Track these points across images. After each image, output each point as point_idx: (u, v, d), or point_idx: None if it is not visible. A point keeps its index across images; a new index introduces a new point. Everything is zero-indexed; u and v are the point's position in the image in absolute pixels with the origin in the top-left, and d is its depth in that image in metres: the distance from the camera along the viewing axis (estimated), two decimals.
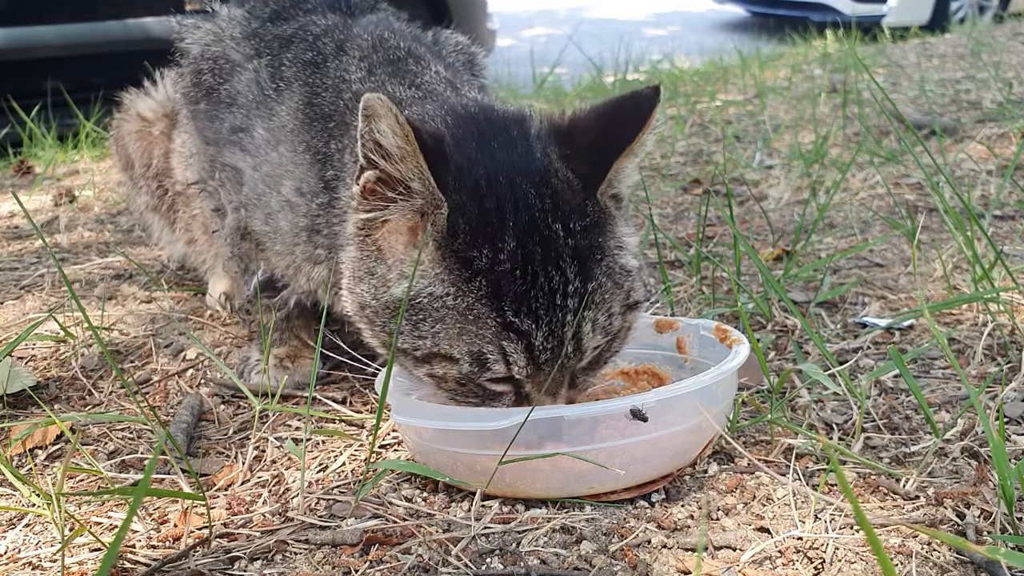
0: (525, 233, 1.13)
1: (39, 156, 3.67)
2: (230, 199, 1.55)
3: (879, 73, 4.69)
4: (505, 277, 1.12)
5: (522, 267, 1.12)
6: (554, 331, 1.14)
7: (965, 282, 1.87)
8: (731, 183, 2.81)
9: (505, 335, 1.13)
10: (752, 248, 1.79)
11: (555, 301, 1.13)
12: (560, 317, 1.14)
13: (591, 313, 1.16)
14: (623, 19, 11.23)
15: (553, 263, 1.13)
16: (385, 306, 1.18)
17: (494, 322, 1.12)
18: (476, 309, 1.13)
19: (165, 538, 1.17)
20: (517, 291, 1.12)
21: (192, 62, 1.62)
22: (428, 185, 1.11)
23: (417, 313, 1.15)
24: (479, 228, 1.13)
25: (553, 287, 1.13)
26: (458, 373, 1.16)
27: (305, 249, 1.40)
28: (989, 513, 1.14)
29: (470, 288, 1.12)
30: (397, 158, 1.10)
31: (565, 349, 1.15)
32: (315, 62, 1.45)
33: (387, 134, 1.08)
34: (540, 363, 1.15)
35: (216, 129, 1.53)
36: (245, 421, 1.51)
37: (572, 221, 1.16)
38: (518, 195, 1.15)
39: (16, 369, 1.58)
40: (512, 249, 1.12)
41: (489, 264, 1.12)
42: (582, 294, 1.15)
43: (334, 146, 1.35)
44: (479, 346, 1.14)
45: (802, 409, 1.44)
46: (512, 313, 1.12)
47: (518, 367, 1.15)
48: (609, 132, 1.20)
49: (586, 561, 1.08)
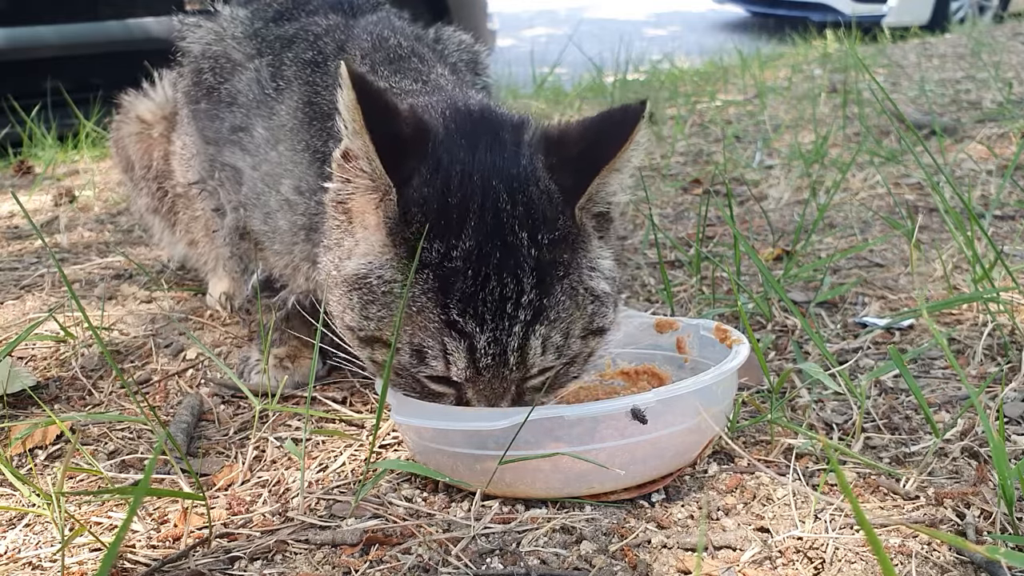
0: (486, 236, 1.10)
1: (39, 156, 3.67)
2: (229, 199, 1.55)
3: (879, 73, 4.69)
4: (454, 275, 1.10)
5: (475, 268, 1.10)
6: (498, 339, 1.11)
7: (965, 282, 1.87)
8: (731, 183, 2.81)
9: (447, 332, 1.11)
10: (752, 248, 1.79)
11: (504, 309, 1.10)
12: (507, 326, 1.10)
13: (543, 329, 1.12)
14: (623, 19, 11.23)
15: (510, 270, 1.10)
16: (344, 279, 1.18)
17: (437, 317, 1.11)
18: (420, 301, 1.12)
19: (165, 538, 1.17)
20: (465, 291, 1.10)
21: (193, 61, 1.62)
22: (376, 167, 1.10)
23: (367, 294, 1.15)
24: (436, 222, 1.11)
25: (505, 294, 1.10)
26: (397, 363, 1.16)
27: (304, 248, 1.40)
28: (989, 513, 1.14)
29: (416, 279, 1.11)
30: (352, 132, 1.10)
31: (508, 360, 1.12)
32: (316, 61, 1.45)
33: (344, 107, 1.08)
34: (479, 367, 1.13)
35: (216, 128, 1.53)
36: (245, 421, 1.51)
37: (540, 232, 1.12)
38: (488, 197, 1.12)
39: (16, 369, 1.58)
40: (467, 248, 1.10)
41: (440, 259, 1.10)
42: (536, 308, 1.11)
43: (333, 145, 1.35)
44: (420, 339, 1.13)
45: (802, 409, 1.44)
46: (457, 312, 1.10)
47: (456, 368, 1.13)
48: (595, 145, 1.17)
49: (586, 561, 1.08)
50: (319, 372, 1.63)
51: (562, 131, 1.21)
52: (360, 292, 1.16)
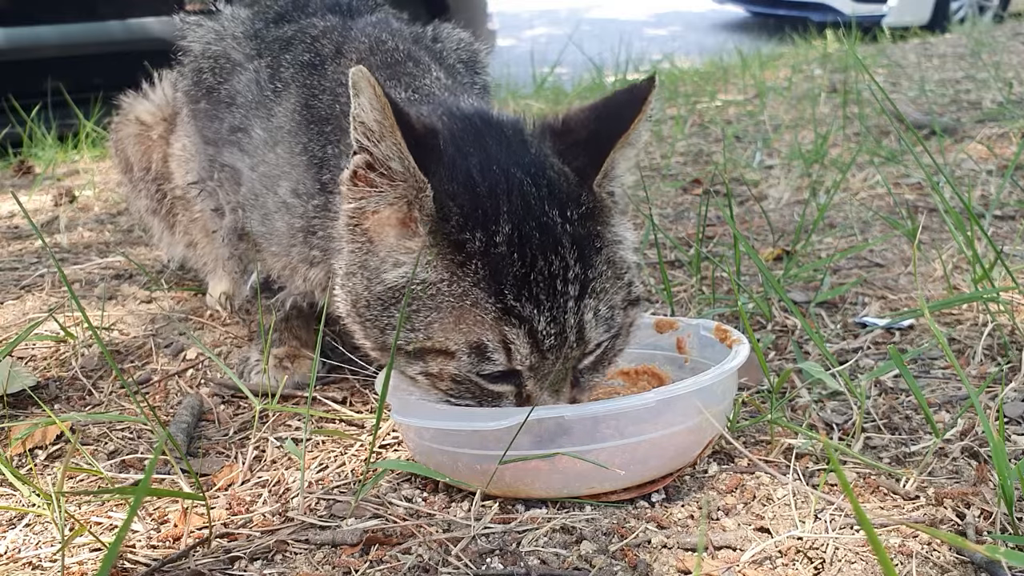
0: (521, 218, 1.11)
1: (39, 156, 3.67)
2: (228, 199, 1.55)
3: (879, 73, 4.69)
4: (502, 260, 1.09)
5: (520, 251, 1.09)
6: (556, 318, 1.10)
7: (965, 282, 1.87)
8: (731, 183, 2.81)
9: (506, 320, 1.09)
10: (752, 248, 1.79)
11: (555, 286, 1.10)
12: (562, 303, 1.10)
13: (593, 302, 1.13)
14: (624, 19, 11.23)
15: (552, 248, 1.10)
16: (378, 298, 1.15)
17: (493, 307, 1.09)
18: (473, 294, 1.09)
19: (165, 538, 1.17)
20: (516, 274, 1.08)
21: (193, 60, 1.62)
22: (408, 165, 1.09)
23: (409, 304, 1.12)
24: (471, 211, 1.11)
25: (553, 272, 1.09)
26: (455, 369, 1.13)
27: (301, 250, 1.40)
28: (989, 513, 1.14)
29: (465, 272, 1.10)
30: (378, 135, 1.09)
31: (569, 337, 1.12)
32: (313, 64, 1.45)
33: (367, 110, 1.07)
34: (543, 351, 1.11)
35: (216, 129, 1.53)
36: (245, 421, 1.51)
37: (569, 209, 1.14)
38: (512, 183, 1.13)
39: (16, 369, 1.58)
40: (508, 233, 1.10)
41: (484, 247, 1.09)
42: (583, 281, 1.12)
43: (331, 151, 1.35)
44: (477, 335, 1.10)
45: (802, 409, 1.44)
46: (512, 297, 1.08)
47: (520, 356, 1.11)
48: (605, 124, 1.19)
49: (586, 561, 1.08)
50: (319, 372, 1.63)
51: (564, 120, 1.24)
52: (401, 304, 1.13)
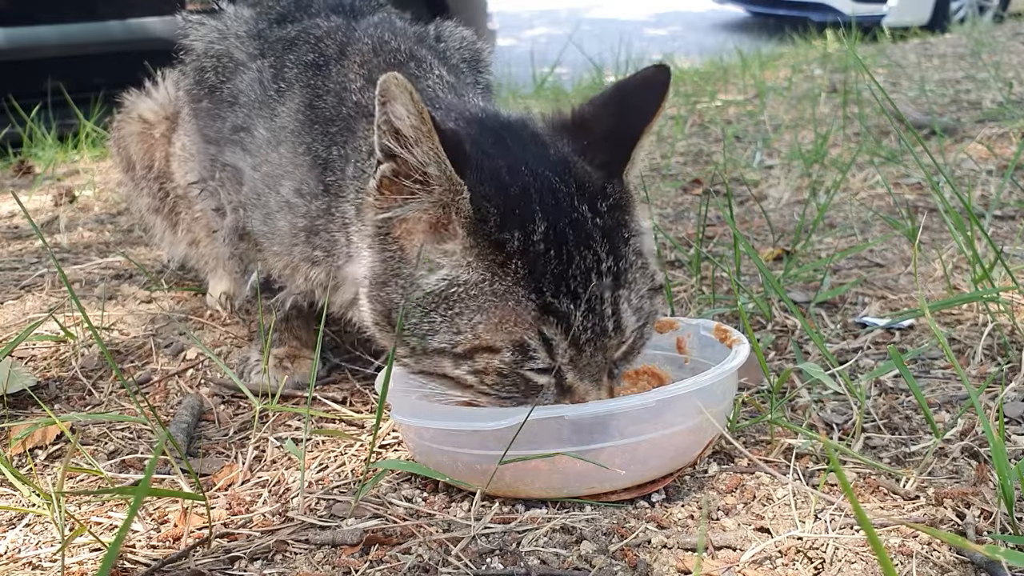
0: (555, 216, 1.14)
1: (39, 156, 3.67)
2: (230, 199, 1.54)
3: (879, 73, 4.69)
4: (541, 257, 1.12)
5: (556, 248, 1.12)
6: (593, 310, 1.14)
7: (965, 282, 1.87)
8: (731, 183, 2.81)
9: (545, 318, 1.12)
10: (752, 248, 1.79)
11: (591, 280, 1.13)
12: (598, 296, 1.14)
13: (625, 292, 1.17)
14: (624, 19, 11.23)
15: (584, 243, 1.14)
16: (417, 305, 1.16)
17: (534, 304, 1.12)
18: (514, 293, 1.12)
19: (165, 538, 1.17)
20: (554, 271, 1.12)
21: (195, 59, 1.62)
22: (445, 169, 1.10)
23: (453, 306, 1.14)
24: (508, 211, 1.13)
25: (588, 266, 1.13)
26: (500, 364, 1.14)
27: (303, 250, 1.40)
28: (989, 513, 1.14)
29: (505, 271, 1.12)
30: (412, 141, 1.09)
31: (606, 328, 1.15)
32: (317, 64, 1.45)
33: (402, 116, 1.07)
34: (582, 344, 1.14)
35: (218, 128, 1.53)
36: (245, 421, 1.51)
37: (598, 202, 1.18)
38: (542, 181, 1.16)
39: (16, 369, 1.58)
40: (544, 231, 1.13)
41: (523, 245, 1.12)
42: (616, 272, 1.16)
43: (336, 152, 1.35)
44: (520, 332, 1.12)
45: (802, 409, 1.44)
46: (551, 294, 1.12)
47: (560, 350, 1.13)
48: (626, 116, 1.23)
49: (586, 561, 1.08)
50: (319, 372, 1.63)
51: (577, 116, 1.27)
52: (444, 307, 1.14)
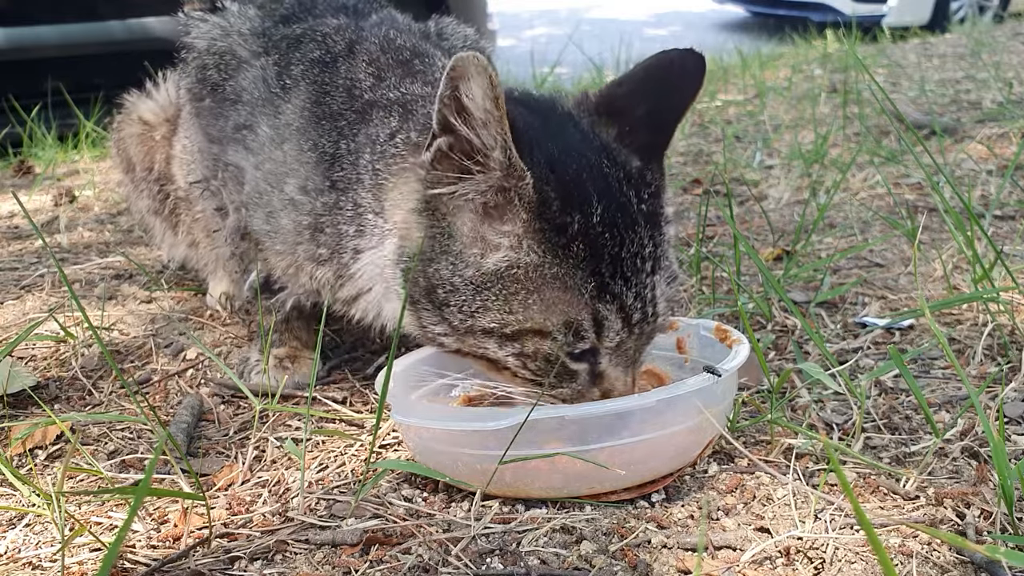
0: (608, 199, 1.16)
1: (39, 156, 3.67)
2: (232, 199, 1.54)
3: (879, 73, 4.69)
4: (599, 241, 1.14)
5: (611, 231, 1.15)
6: (640, 294, 1.17)
7: (965, 282, 1.87)
8: (731, 183, 2.81)
9: (601, 298, 1.14)
10: (752, 248, 1.79)
11: (637, 264, 1.16)
12: (643, 280, 1.17)
13: (660, 278, 1.20)
14: (624, 19, 11.23)
15: (631, 228, 1.16)
16: (468, 282, 1.17)
17: (592, 286, 1.14)
18: (574, 275, 1.14)
19: (165, 538, 1.17)
20: (610, 254, 1.14)
21: (197, 57, 1.61)
22: (510, 155, 1.10)
23: (508, 286, 1.15)
24: (567, 194, 1.14)
25: (634, 250, 1.16)
26: (548, 349, 1.16)
27: (308, 248, 1.40)
28: (989, 513, 1.14)
29: (567, 253, 1.14)
30: (481, 123, 1.09)
31: (649, 312, 1.18)
32: (324, 61, 1.44)
33: (476, 97, 1.07)
34: (631, 326, 1.17)
35: (220, 127, 1.53)
36: (245, 421, 1.51)
37: (641, 189, 1.20)
38: (591, 165, 1.18)
39: (16, 369, 1.58)
40: (601, 214, 1.15)
41: (583, 228, 1.14)
42: (655, 259, 1.19)
43: (344, 146, 1.34)
44: (573, 314, 1.14)
45: (802, 409, 1.44)
46: (608, 275, 1.14)
47: (612, 331, 1.16)
48: (661, 99, 1.25)
49: (586, 561, 1.08)
50: (319, 372, 1.63)
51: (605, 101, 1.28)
52: (498, 287, 1.15)
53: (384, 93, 1.36)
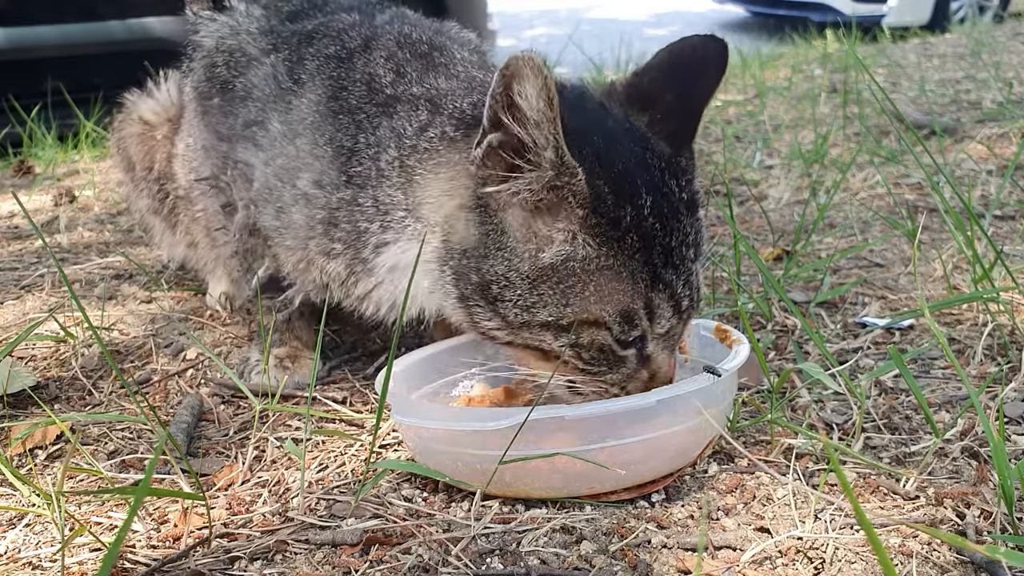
0: (655, 191, 1.18)
1: (39, 156, 3.67)
2: (241, 196, 1.53)
3: (879, 73, 4.69)
4: (651, 231, 1.17)
5: (660, 222, 1.17)
6: (688, 281, 1.21)
7: (965, 282, 1.87)
8: (731, 183, 2.81)
9: (655, 286, 1.17)
10: (752, 248, 1.79)
11: (683, 252, 1.20)
12: (688, 268, 1.21)
13: (699, 264, 1.24)
14: (624, 19, 11.23)
15: (675, 216, 1.19)
16: (524, 277, 1.18)
17: (647, 276, 1.17)
18: (629, 265, 1.16)
19: (165, 538, 1.17)
20: (661, 243, 1.17)
21: (206, 55, 1.61)
22: (562, 155, 1.11)
23: (564, 279, 1.17)
24: (619, 188, 1.16)
25: (679, 239, 1.19)
26: (603, 339, 1.19)
27: (320, 242, 1.39)
28: (989, 513, 1.14)
29: (621, 246, 1.16)
30: (534, 123, 1.09)
31: (694, 299, 1.22)
32: (340, 56, 1.43)
33: (530, 97, 1.07)
34: (681, 312, 1.21)
35: (230, 125, 1.52)
36: (245, 421, 1.51)
37: (680, 177, 1.22)
38: (637, 156, 1.19)
39: (16, 369, 1.58)
40: (651, 205, 1.17)
41: (636, 220, 1.16)
42: (696, 245, 1.22)
43: (363, 140, 1.33)
44: (628, 303, 1.17)
45: (802, 409, 1.44)
46: (661, 264, 1.17)
47: (664, 318, 1.19)
48: (688, 85, 1.27)
49: (586, 561, 1.08)
50: (319, 372, 1.63)
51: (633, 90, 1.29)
52: (554, 280, 1.17)
53: (407, 88, 1.35)
